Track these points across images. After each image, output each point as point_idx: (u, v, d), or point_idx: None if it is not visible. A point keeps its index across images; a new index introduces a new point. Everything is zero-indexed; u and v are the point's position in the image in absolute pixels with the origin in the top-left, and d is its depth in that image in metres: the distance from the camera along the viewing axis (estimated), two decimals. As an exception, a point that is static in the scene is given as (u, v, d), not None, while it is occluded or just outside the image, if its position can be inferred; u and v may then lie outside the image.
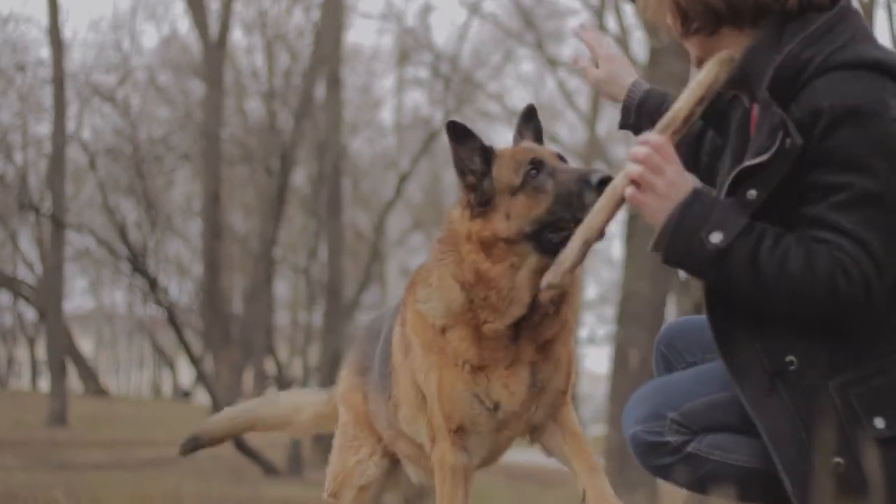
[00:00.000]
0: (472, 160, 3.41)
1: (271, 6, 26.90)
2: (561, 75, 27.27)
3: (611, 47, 3.56)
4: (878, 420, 2.82)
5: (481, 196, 3.38)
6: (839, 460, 2.81)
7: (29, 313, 37.33)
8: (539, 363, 3.46)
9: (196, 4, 25.41)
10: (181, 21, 54.39)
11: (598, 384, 39.75)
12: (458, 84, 27.89)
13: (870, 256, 2.75)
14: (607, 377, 15.26)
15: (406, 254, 37.74)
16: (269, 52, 27.35)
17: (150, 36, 59.82)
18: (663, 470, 3.10)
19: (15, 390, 39.07)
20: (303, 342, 36.86)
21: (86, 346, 45.79)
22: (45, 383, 37.08)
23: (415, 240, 37.98)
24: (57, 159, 23.04)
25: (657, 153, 2.89)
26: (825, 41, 2.83)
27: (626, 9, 20.07)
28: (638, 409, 3.12)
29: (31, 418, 24.58)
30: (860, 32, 2.87)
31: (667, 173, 2.88)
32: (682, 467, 3.05)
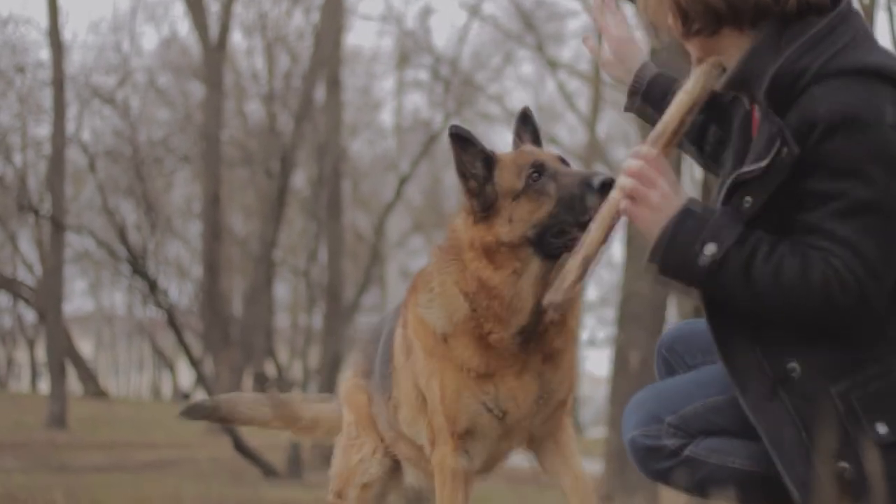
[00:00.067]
0: (475, 165, 3.41)
1: (271, 8, 26.96)
2: (561, 77, 27.31)
3: (625, 26, 3.44)
4: (880, 425, 2.81)
5: (484, 201, 3.38)
6: (845, 465, 2.80)
7: (28, 315, 37.36)
8: (547, 372, 3.45)
9: (196, 6, 25.41)
10: (181, 23, 54.50)
11: (599, 386, 39.73)
12: (458, 86, 27.94)
13: (864, 263, 2.74)
14: (607, 379, 15.24)
15: (406, 256, 37.75)
16: (269, 55, 27.38)
17: (149, 38, 59.86)
18: (662, 474, 3.08)
19: (14, 392, 39.07)
20: (303, 344, 36.90)
21: (85, 347, 45.75)
22: (44, 385, 37.10)
23: (415, 242, 38.01)
24: (57, 161, 23.03)
25: (650, 166, 2.89)
26: (822, 47, 2.81)
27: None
28: (636, 413, 3.11)
29: (31, 420, 24.56)
30: (859, 36, 2.85)
31: (660, 186, 2.88)
32: (681, 471, 3.03)
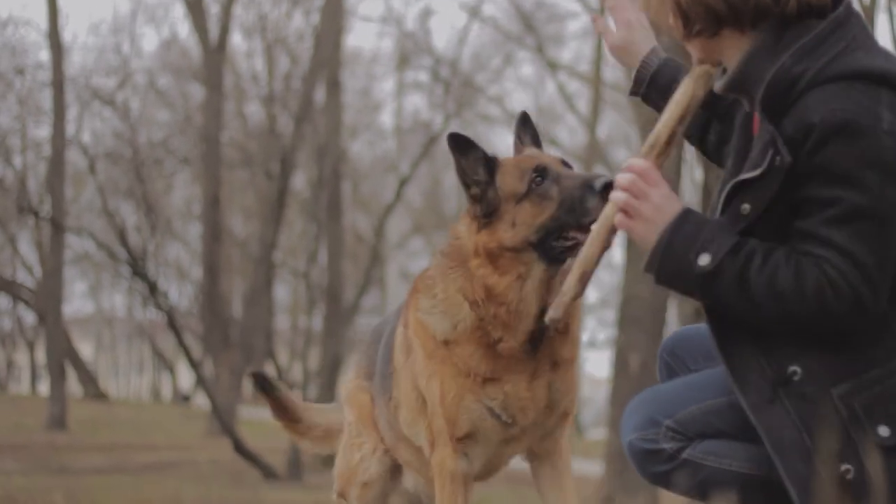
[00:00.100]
0: (476, 171, 3.40)
1: (271, 10, 26.94)
2: (561, 78, 27.32)
3: (633, 10, 3.38)
4: (882, 427, 2.80)
5: (486, 206, 3.37)
6: (846, 467, 2.80)
7: (28, 317, 37.31)
8: (556, 380, 3.46)
9: (196, 8, 25.42)
10: (181, 25, 54.54)
11: (599, 388, 39.72)
12: (458, 87, 27.94)
13: (858, 269, 2.73)
14: (608, 381, 15.24)
15: (406, 257, 37.74)
16: (268, 56, 27.37)
17: (149, 39, 59.83)
18: (660, 477, 3.08)
19: (14, 394, 39.05)
20: (303, 346, 36.83)
21: (85, 349, 45.74)
22: (44, 387, 37.03)
23: (415, 243, 38.00)
24: (56, 163, 23.03)
25: (641, 179, 2.89)
26: (818, 53, 2.80)
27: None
28: (634, 417, 3.10)
29: (31, 422, 24.56)
30: (858, 40, 2.83)
31: (652, 198, 2.88)
32: (679, 474, 3.03)
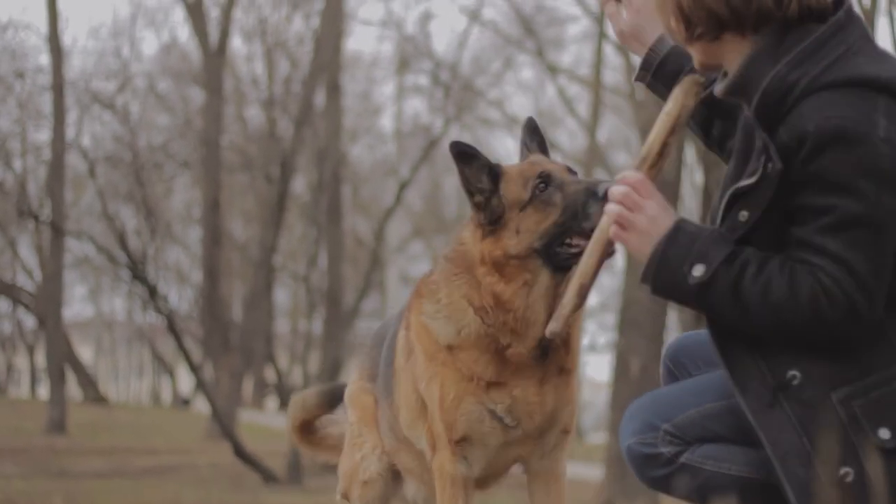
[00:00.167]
0: (480, 179, 3.40)
1: (271, 14, 26.91)
2: (561, 82, 27.31)
3: None
4: (882, 430, 2.80)
5: (491, 214, 3.37)
6: (846, 469, 2.80)
7: (28, 321, 37.27)
8: (561, 386, 3.46)
9: (196, 12, 25.43)
10: (181, 28, 54.54)
11: (599, 392, 39.72)
12: (458, 91, 27.93)
13: (853, 277, 2.72)
14: (608, 385, 15.25)
15: (406, 261, 37.73)
16: (268, 60, 27.37)
17: (149, 43, 59.91)
18: (659, 482, 3.08)
19: (14, 398, 39.01)
20: (303, 350, 36.89)
21: (85, 353, 45.72)
22: (44, 391, 36.99)
23: (415, 247, 38.01)
24: (56, 166, 23.00)
25: (634, 191, 2.90)
26: (815, 59, 2.79)
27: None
28: (632, 421, 3.10)
29: (31, 426, 24.53)
30: (857, 45, 2.82)
31: (646, 210, 2.89)
32: (677, 479, 3.03)
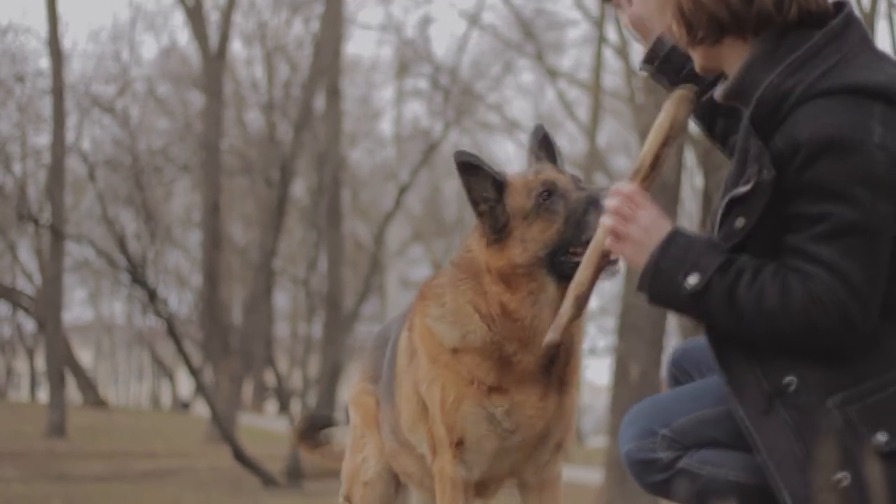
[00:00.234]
0: (485, 189, 3.40)
1: (271, 17, 26.97)
2: (561, 86, 27.29)
3: None
4: (879, 435, 2.80)
5: (496, 225, 3.38)
6: (842, 474, 2.80)
7: (28, 324, 37.27)
8: (560, 400, 3.46)
9: (196, 15, 25.43)
10: (181, 32, 54.44)
11: (599, 395, 39.71)
12: (457, 95, 27.90)
13: (847, 285, 2.73)
14: (608, 388, 15.25)
15: (406, 265, 37.71)
16: (268, 64, 27.41)
17: (149, 47, 59.56)
18: (658, 487, 3.09)
19: (14, 401, 38.99)
20: (302, 353, 36.88)
21: (85, 356, 45.69)
22: (43, 394, 36.98)
23: (415, 251, 37.99)
24: (56, 170, 23.01)
25: (628, 202, 2.92)
26: (809, 67, 2.80)
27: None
28: (631, 427, 3.11)
29: (30, 429, 24.52)
30: (852, 51, 2.83)
31: (640, 221, 2.91)
32: (676, 484, 3.04)
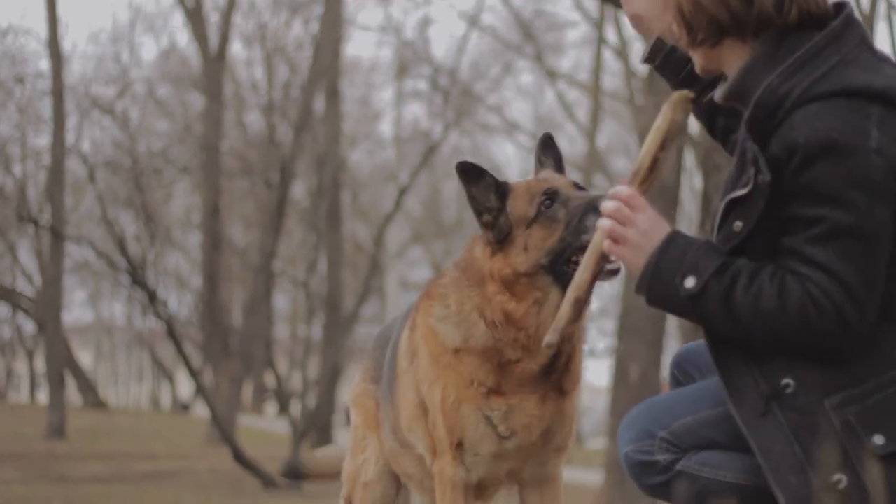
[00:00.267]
0: (487, 198, 3.40)
1: (271, 19, 26.98)
2: (560, 87, 27.30)
3: None
4: (877, 437, 2.81)
5: (499, 232, 3.38)
6: (839, 476, 2.80)
7: (28, 326, 37.27)
8: (559, 407, 3.46)
9: (195, 17, 25.44)
10: (180, 34, 54.58)
11: (599, 397, 39.67)
12: (457, 96, 27.88)
13: (842, 287, 2.73)
14: (608, 390, 15.23)
15: (406, 266, 37.71)
16: (268, 65, 27.41)
17: (149, 48, 59.90)
18: (656, 489, 3.09)
19: (14, 403, 39.00)
20: (302, 355, 36.77)
21: (85, 358, 45.69)
22: (43, 396, 36.98)
23: (414, 252, 37.98)
24: (56, 171, 23.01)
25: (626, 205, 2.93)
26: (806, 71, 2.80)
27: (626, 20, 20.08)
28: (630, 429, 3.12)
29: (30, 431, 24.52)
30: (850, 54, 2.82)
31: (638, 224, 2.91)
32: (675, 486, 3.04)
